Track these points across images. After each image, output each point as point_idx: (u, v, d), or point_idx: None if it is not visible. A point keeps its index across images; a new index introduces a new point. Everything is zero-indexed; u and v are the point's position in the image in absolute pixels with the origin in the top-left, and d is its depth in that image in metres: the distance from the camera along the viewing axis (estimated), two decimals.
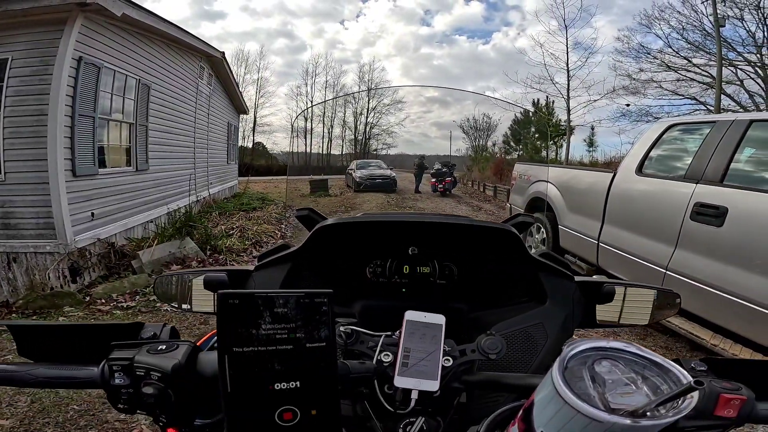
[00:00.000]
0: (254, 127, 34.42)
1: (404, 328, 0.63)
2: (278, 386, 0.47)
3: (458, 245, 1.01)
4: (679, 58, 19.89)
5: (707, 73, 19.24)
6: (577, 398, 0.38)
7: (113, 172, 6.24)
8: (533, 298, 0.95)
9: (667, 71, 20.31)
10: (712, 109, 17.28)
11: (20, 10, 4.75)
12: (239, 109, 14.86)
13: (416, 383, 0.57)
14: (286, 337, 0.48)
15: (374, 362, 0.61)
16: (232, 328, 0.47)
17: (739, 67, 18.36)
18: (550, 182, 5.06)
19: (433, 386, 0.57)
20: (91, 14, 5.23)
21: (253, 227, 7.58)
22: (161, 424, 0.54)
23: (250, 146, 33.67)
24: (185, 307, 0.97)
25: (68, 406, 2.57)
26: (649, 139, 3.91)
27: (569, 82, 23.18)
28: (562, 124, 25.49)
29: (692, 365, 0.57)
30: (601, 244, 4.02)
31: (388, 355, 0.61)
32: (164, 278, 1.02)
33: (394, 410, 0.59)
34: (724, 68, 17.23)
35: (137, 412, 0.53)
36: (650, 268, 3.36)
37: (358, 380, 0.60)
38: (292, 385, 0.48)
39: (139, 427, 2.39)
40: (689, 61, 19.67)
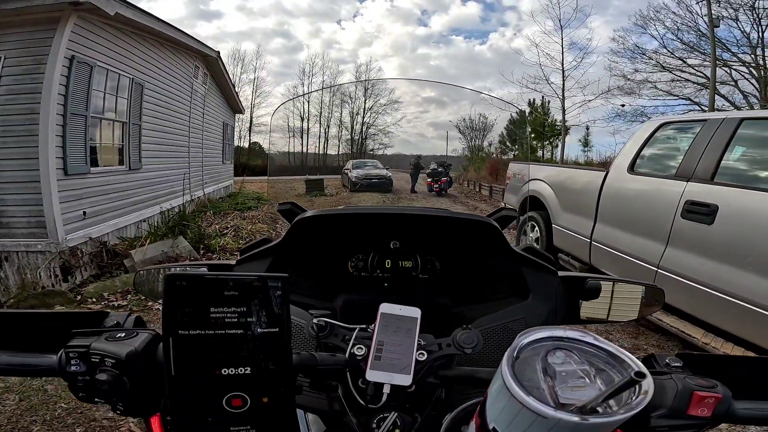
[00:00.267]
0: (250, 126, 34.32)
1: (378, 321, 0.62)
2: (226, 371, 0.46)
3: (440, 239, 1.00)
4: (673, 58, 19.99)
5: (702, 73, 19.33)
6: (522, 392, 0.35)
7: (105, 171, 6.21)
8: (516, 293, 0.95)
9: (662, 72, 20.42)
10: (706, 109, 17.36)
11: (13, 9, 4.73)
12: (235, 108, 14.81)
13: (388, 377, 0.56)
14: (236, 321, 0.46)
15: (347, 355, 0.60)
16: (178, 310, 0.45)
17: (733, 67, 18.46)
18: (542, 180, 5.06)
19: (405, 380, 0.56)
20: (84, 13, 5.21)
21: (247, 226, 7.56)
22: (119, 412, 0.53)
23: (246, 146, 33.55)
24: None
25: (56, 404, 2.55)
26: (641, 137, 3.91)
27: (564, 82, 23.24)
28: (557, 124, 25.56)
29: (667, 360, 0.56)
30: (593, 242, 4.03)
31: (361, 348, 0.60)
32: (144, 273, 1.00)
33: (365, 405, 0.58)
34: (718, 69, 17.32)
35: (95, 400, 0.52)
36: (642, 266, 3.36)
37: (328, 373, 0.59)
38: (241, 371, 0.46)
39: (127, 424, 2.38)
40: (684, 61, 19.78)
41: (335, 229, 0.99)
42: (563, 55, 23.26)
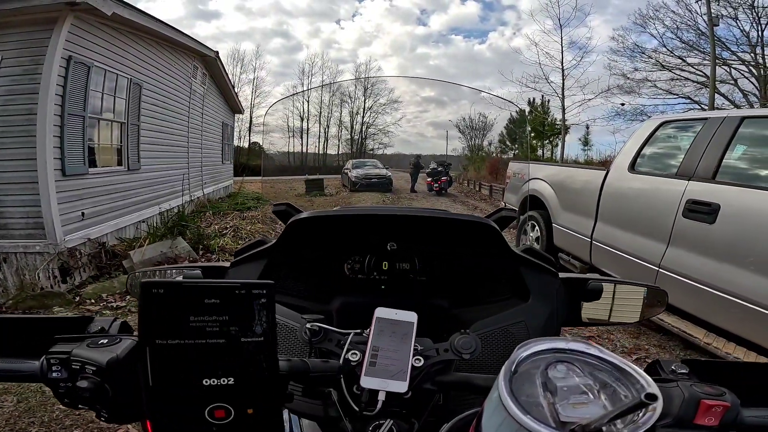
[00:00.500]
0: (250, 127, 34.28)
1: (373, 325, 0.60)
2: (208, 382, 0.45)
3: (438, 240, 0.98)
4: (673, 57, 19.96)
5: (701, 72, 19.30)
6: (519, 410, 0.33)
7: (104, 171, 6.19)
8: (515, 295, 0.93)
9: (661, 70, 20.39)
10: (706, 108, 17.34)
11: (9, 9, 4.72)
12: (234, 108, 14.79)
13: (383, 384, 0.54)
14: (217, 330, 0.45)
15: (341, 361, 0.58)
16: (155, 319, 0.44)
17: (733, 66, 18.43)
18: (542, 179, 5.05)
19: (401, 387, 0.54)
20: (81, 13, 5.19)
21: (246, 227, 7.54)
22: (103, 419, 0.51)
23: (246, 146, 33.49)
24: None
25: (54, 406, 2.54)
26: (641, 136, 3.89)
27: (564, 81, 23.21)
28: (557, 123, 25.53)
29: (672, 367, 0.54)
30: (594, 242, 4.01)
31: (356, 354, 0.58)
32: (139, 275, 0.99)
33: (360, 412, 0.56)
34: (718, 67, 17.31)
35: (79, 407, 0.51)
36: (643, 265, 3.34)
37: (321, 379, 0.57)
38: (224, 381, 0.45)
39: (124, 426, 2.36)
40: (683, 60, 19.75)
41: (331, 230, 0.97)
42: (563, 54, 23.25)
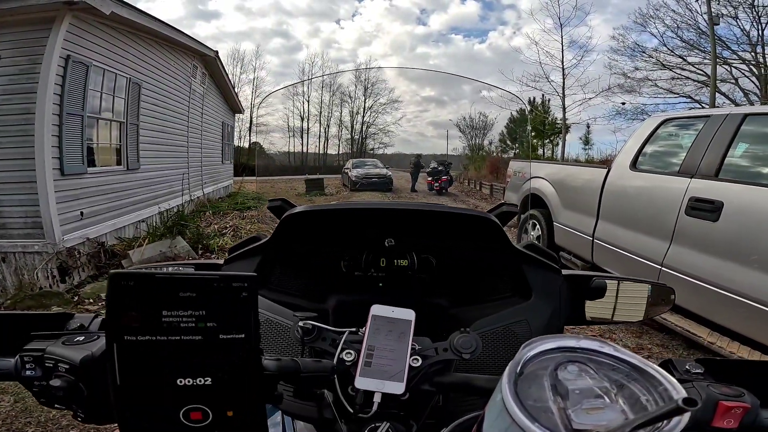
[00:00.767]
0: (250, 127, 34.25)
1: (369, 323, 0.58)
2: (182, 382, 0.41)
3: (436, 236, 0.95)
4: (674, 56, 19.91)
5: (702, 71, 19.25)
6: (526, 417, 0.30)
7: (103, 171, 6.17)
8: (517, 292, 0.90)
9: (662, 70, 20.33)
10: (707, 107, 17.30)
11: (7, 9, 4.70)
12: (234, 108, 14.77)
13: (379, 385, 0.52)
14: (193, 326, 0.41)
15: (335, 360, 0.55)
16: (123, 313, 0.41)
17: (733, 65, 18.38)
18: (543, 178, 5.02)
19: (398, 388, 0.52)
20: (79, 13, 5.17)
21: (246, 226, 7.52)
22: (79, 419, 0.49)
23: (246, 146, 33.46)
24: None
25: None
26: (642, 134, 3.87)
27: (564, 80, 23.16)
28: (557, 122, 25.49)
29: (687, 366, 0.51)
30: (596, 240, 3.98)
31: (350, 353, 0.56)
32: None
33: (355, 414, 0.54)
34: (718, 66, 17.26)
35: (55, 406, 0.49)
36: (645, 264, 3.31)
37: (313, 380, 0.54)
38: (200, 381, 0.42)
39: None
40: (684, 59, 19.70)
41: (326, 225, 0.95)
42: (563, 53, 23.21)
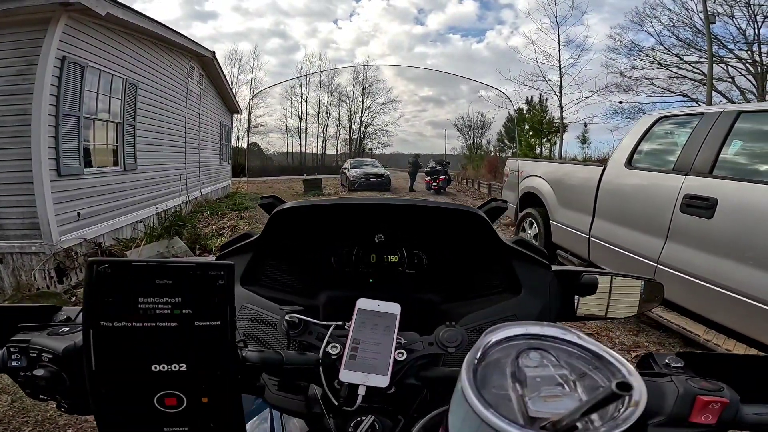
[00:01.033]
0: (248, 127, 34.20)
1: (355, 317, 0.58)
2: (157, 368, 0.42)
3: (426, 232, 0.96)
4: (670, 55, 19.99)
5: (698, 70, 19.33)
6: (480, 403, 0.29)
7: (100, 171, 6.17)
8: (507, 288, 0.90)
9: (658, 68, 20.41)
10: (704, 105, 17.36)
11: (3, 10, 4.70)
12: (232, 109, 14.76)
13: (364, 378, 0.52)
14: (169, 313, 0.42)
15: (320, 354, 0.56)
16: (100, 299, 0.41)
17: (730, 64, 18.45)
18: (539, 176, 5.03)
19: (382, 381, 0.52)
20: (74, 14, 5.17)
21: (244, 227, 7.52)
22: (63, 409, 0.50)
23: (244, 147, 33.39)
24: None
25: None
26: (638, 132, 3.88)
27: (561, 79, 23.22)
28: (555, 121, 25.53)
29: (666, 360, 0.51)
30: (592, 238, 3.99)
31: (336, 346, 0.56)
32: None
33: (340, 407, 0.54)
34: (715, 65, 17.31)
35: (40, 397, 0.50)
36: (641, 261, 3.32)
37: (298, 373, 0.55)
38: (175, 367, 0.42)
39: None
40: (680, 58, 19.77)
41: (316, 221, 0.95)
42: (560, 52, 23.27)
